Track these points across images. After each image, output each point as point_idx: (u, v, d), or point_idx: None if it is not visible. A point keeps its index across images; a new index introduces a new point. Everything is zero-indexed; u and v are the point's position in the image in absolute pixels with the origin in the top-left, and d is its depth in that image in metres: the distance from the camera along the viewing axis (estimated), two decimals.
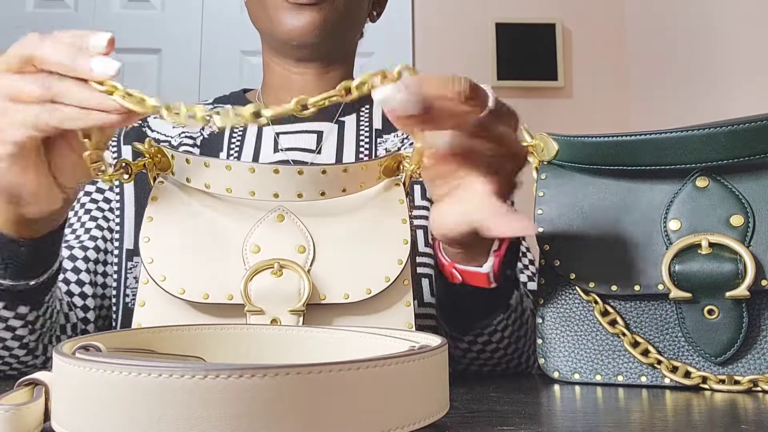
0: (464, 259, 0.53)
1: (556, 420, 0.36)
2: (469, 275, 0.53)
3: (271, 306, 0.46)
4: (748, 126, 0.48)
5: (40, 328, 0.55)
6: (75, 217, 0.74)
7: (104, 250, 0.72)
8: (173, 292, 0.46)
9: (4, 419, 0.29)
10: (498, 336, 0.59)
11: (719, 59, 1.75)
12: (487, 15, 2.26)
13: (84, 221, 0.73)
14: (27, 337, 0.54)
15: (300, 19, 0.72)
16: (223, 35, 2.18)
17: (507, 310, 0.58)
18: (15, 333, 0.53)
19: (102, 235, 0.73)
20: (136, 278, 0.70)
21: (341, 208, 0.50)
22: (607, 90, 2.28)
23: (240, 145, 0.76)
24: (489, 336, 0.59)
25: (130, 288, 0.70)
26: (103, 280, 0.71)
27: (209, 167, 0.48)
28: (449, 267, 0.54)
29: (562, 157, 0.55)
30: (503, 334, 0.60)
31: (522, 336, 0.62)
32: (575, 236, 0.54)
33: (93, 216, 0.73)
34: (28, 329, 0.54)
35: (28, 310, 0.52)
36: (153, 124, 0.80)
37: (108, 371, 0.26)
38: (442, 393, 0.33)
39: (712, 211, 0.50)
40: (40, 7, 2.19)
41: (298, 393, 0.26)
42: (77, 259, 0.69)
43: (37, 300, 0.53)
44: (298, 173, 0.47)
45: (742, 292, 0.47)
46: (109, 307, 0.72)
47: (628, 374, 0.51)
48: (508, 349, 0.61)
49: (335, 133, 0.78)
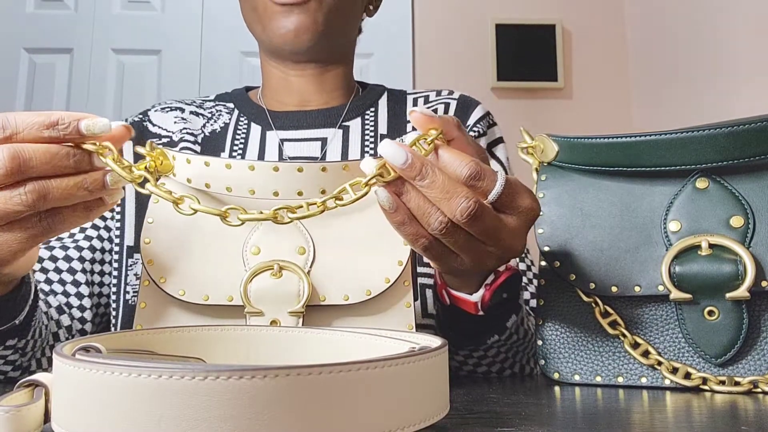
0: (456, 285, 0.53)
1: (556, 421, 0.36)
2: (459, 300, 0.54)
3: (271, 307, 0.46)
4: (748, 127, 0.48)
5: (31, 350, 0.55)
6: None
7: (101, 249, 0.72)
8: (173, 293, 0.46)
9: (4, 420, 0.29)
10: (494, 351, 0.59)
11: (719, 60, 1.75)
12: (487, 15, 2.26)
13: None
14: (19, 360, 0.55)
15: (290, 21, 0.72)
16: (223, 36, 2.18)
17: (504, 332, 0.58)
18: (7, 359, 0.53)
19: (98, 235, 0.72)
20: (137, 275, 0.70)
21: (341, 210, 0.49)
22: (607, 91, 2.28)
23: (243, 147, 0.75)
24: (484, 351, 0.59)
25: (130, 285, 0.70)
26: (100, 279, 0.71)
27: (209, 166, 0.48)
28: (440, 288, 0.55)
29: (562, 159, 0.55)
30: (499, 350, 0.59)
31: (520, 351, 0.62)
32: (575, 237, 0.54)
33: None
34: (19, 354, 0.54)
35: (16, 341, 0.52)
36: (154, 118, 0.79)
37: (108, 372, 0.26)
38: (442, 394, 0.33)
39: (712, 212, 0.50)
40: (40, 8, 2.19)
41: (298, 394, 0.26)
42: (72, 260, 0.69)
43: (23, 331, 0.53)
44: (298, 171, 0.47)
45: (743, 293, 0.47)
46: (107, 305, 0.72)
47: (628, 375, 0.51)
48: (505, 363, 0.61)
49: (339, 138, 0.77)
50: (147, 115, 0.80)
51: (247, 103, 0.81)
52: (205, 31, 2.21)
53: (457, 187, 0.41)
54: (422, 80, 2.22)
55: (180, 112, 0.80)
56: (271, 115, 0.78)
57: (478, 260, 0.45)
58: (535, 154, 0.57)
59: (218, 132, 0.77)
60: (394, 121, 0.79)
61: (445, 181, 0.41)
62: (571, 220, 0.54)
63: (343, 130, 0.78)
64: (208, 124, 0.78)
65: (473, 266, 0.46)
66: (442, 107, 0.80)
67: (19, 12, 2.18)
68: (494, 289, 0.52)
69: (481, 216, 0.41)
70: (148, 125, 0.78)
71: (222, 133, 0.77)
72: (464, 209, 0.40)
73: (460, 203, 0.40)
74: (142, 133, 0.77)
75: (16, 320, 0.50)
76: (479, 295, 0.52)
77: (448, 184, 0.41)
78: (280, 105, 0.80)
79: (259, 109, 0.79)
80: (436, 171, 0.41)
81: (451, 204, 0.41)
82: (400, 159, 0.40)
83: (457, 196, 0.41)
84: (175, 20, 2.22)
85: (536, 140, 0.57)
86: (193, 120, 0.79)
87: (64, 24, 2.18)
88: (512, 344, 0.60)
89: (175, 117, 0.79)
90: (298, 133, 0.77)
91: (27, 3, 2.19)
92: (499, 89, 2.21)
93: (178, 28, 2.21)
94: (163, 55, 2.19)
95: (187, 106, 0.81)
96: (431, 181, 0.40)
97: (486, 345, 0.58)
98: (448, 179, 0.41)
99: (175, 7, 2.23)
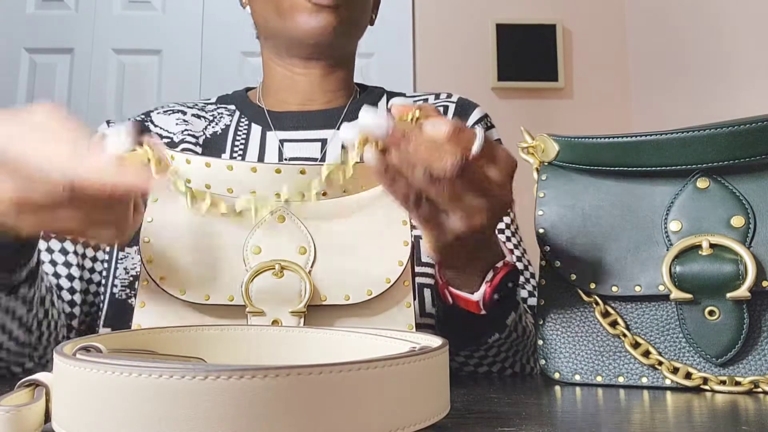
0: (458, 284, 0.53)
1: (556, 421, 0.36)
2: (461, 299, 0.54)
3: (272, 307, 0.46)
4: (748, 127, 0.48)
5: (35, 297, 0.56)
6: None
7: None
8: (173, 293, 0.46)
9: (5, 420, 0.29)
10: (494, 351, 0.60)
11: (720, 59, 1.75)
12: (487, 15, 2.26)
13: None
14: (26, 315, 0.55)
15: (319, 20, 0.73)
16: (224, 36, 2.18)
17: (504, 330, 0.58)
18: (15, 314, 0.54)
19: None
20: (126, 269, 0.70)
21: (342, 210, 0.50)
22: (607, 91, 2.28)
23: (244, 148, 0.76)
24: (485, 351, 0.59)
25: (119, 279, 0.70)
26: (92, 265, 0.71)
27: (210, 167, 0.48)
28: (442, 288, 0.55)
29: (562, 158, 0.55)
30: (500, 349, 0.60)
31: (520, 350, 0.62)
32: (576, 237, 0.54)
33: None
34: (27, 306, 0.55)
35: (27, 289, 0.54)
36: (156, 119, 0.80)
37: (108, 372, 0.26)
38: (443, 394, 0.33)
39: (712, 212, 0.50)
40: (40, 8, 2.20)
41: (299, 394, 0.26)
42: (68, 253, 0.69)
43: (32, 278, 0.54)
44: (300, 173, 0.47)
45: (743, 293, 0.47)
46: (96, 294, 0.71)
47: (628, 375, 0.51)
48: (506, 363, 0.62)
49: (339, 140, 0.77)
50: (149, 116, 0.80)
51: (248, 104, 0.81)
52: (205, 31, 2.21)
53: (442, 145, 0.42)
54: (423, 80, 2.22)
55: (182, 115, 0.80)
56: (271, 116, 0.79)
57: (469, 217, 0.45)
58: (536, 154, 0.57)
59: (219, 134, 0.77)
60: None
61: (428, 141, 0.42)
62: (572, 220, 0.54)
63: None
64: (209, 127, 0.79)
65: (466, 229, 0.46)
66: (440, 110, 0.80)
67: (20, 12, 2.18)
68: (495, 286, 0.52)
69: (468, 167, 0.43)
70: (150, 126, 0.79)
71: (223, 135, 0.77)
72: (452, 163, 0.42)
73: (446, 159, 0.42)
74: (143, 133, 0.77)
75: (31, 262, 0.52)
76: (481, 294, 0.52)
77: (432, 144, 0.42)
78: (282, 104, 0.80)
79: (258, 109, 0.80)
80: (418, 133, 0.42)
81: (439, 161, 0.42)
82: (381, 127, 0.42)
83: (443, 152, 0.42)
84: (176, 20, 2.22)
85: (537, 140, 0.57)
86: (195, 122, 0.79)
87: (65, 24, 2.19)
88: (512, 342, 0.60)
89: (176, 119, 0.79)
90: (297, 133, 0.77)
91: (27, 3, 2.19)
92: (499, 89, 2.21)
93: (178, 29, 2.21)
94: (163, 55, 2.20)
95: (189, 108, 0.82)
96: (416, 143, 0.42)
97: (487, 345, 0.59)
98: (431, 140, 0.42)
99: (175, 8, 2.23)
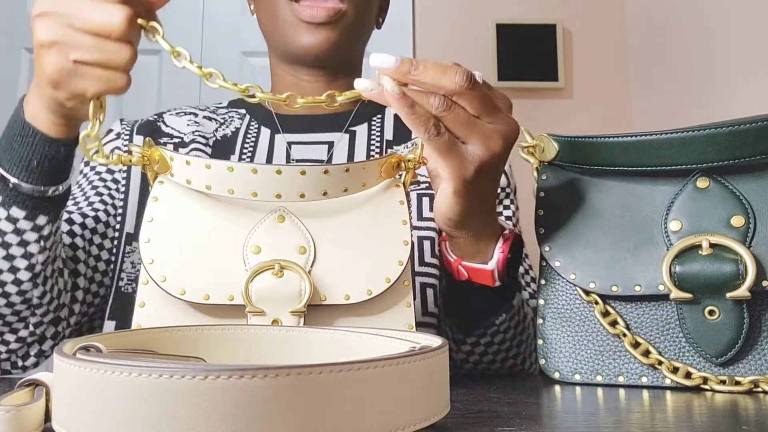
0: (470, 254, 0.54)
1: (556, 421, 0.36)
2: (475, 272, 0.54)
3: (272, 307, 0.46)
4: (748, 127, 0.48)
5: (49, 249, 0.56)
6: (80, 190, 0.74)
7: (105, 222, 0.71)
8: (174, 292, 0.46)
9: (5, 420, 0.29)
10: (500, 337, 0.60)
11: (720, 60, 1.75)
12: (487, 15, 2.26)
13: (89, 195, 0.73)
14: (36, 256, 0.55)
15: (315, 37, 0.73)
16: (224, 37, 2.18)
17: (510, 310, 0.59)
18: (26, 250, 0.55)
19: (104, 209, 0.72)
20: (133, 263, 0.70)
21: (342, 209, 0.50)
22: (607, 91, 2.28)
23: (253, 150, 0.76)
24: (491, 337, 0.60)
25: (125, 272, 0.70)
26: (98, 253, 0.70)
27: (210, 169, 0.48)
28: (456, 264, 0.55)
29: (562, 158, 0.55)
30: (505, 336, 0.60)
31: (524, 340, 0.63)
32: (576, 237, 0.54)
33: (99, 192, 0.74)
34: (39, 246, 0.55)
35: (45, 221, 0.54)
36: (168, 120, 0.80)
37: (108, 372, 0.26)
38: (443, 394, 0.33)
39: (712, 211, 0.50)
40: None
41: (299, 394, 0.26)
42: (74, 224, 0.68)
43: (54, 213, 0.55)
44: (301, 173, 0.47)
45: (743, 293, 0.47)
46: (101, 284, 0.70)
47: (628, 375, 0.51)
48: (509, 352, 0.62)
49: (346, 143, 0.78)
50: (162, 116, 0.81)
51: (257, 107, 0.82)
52: (205, 32, 2.21)
53: (449, 68, 0.46)
54: None
55: (194, 116, 0.81)
56: (279, 119, 0.80)
57: (486, 141, 0.48)
58: (536, 154, 0.57)
59: (229, 137, 0.78)
60: (400, 129, 0.81)
61: (435, 64, 0.46)
62: (572, 220, 0.54)
63: (349, 134, 0.79)
64: (220, 129, 0.80)
65: (484, 153, 0.48)
66: None
67: (20, 12, 2.18)
68: (506, 254, 0.54)
69: (476, 89, 0.46)
70: (162, 126, 0.79)
71: (233, 138, 0.78)
72: (462, 77, 0.45)
73: (457, 75, 0.45)
74: (154, 132, 0.78)
75: (61, 185, 0.54)
76: (494, 263, 0.54)
77: (440, 67, 0.46)
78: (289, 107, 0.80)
79: (267, 112, 0.81)
80: (425, 60, 0.46)
81: (450, 79, 0.45)
82: (390, 62, 0.46)
83: (451, 72, 0.46)
84: (176, 20, 2.22)
85: (537, 140, 0.57)
86: (206, 124, 0.80)
87: None
88: (515, 326, 0.61)
89: (188, 120, 0.80)
90: (305, 136, 0.78)
91: (27, 3, 2.19)
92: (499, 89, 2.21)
93: (178, 28, 2.21)
94: (163, 55, 2.19)
95: (201, 111, 0.83)
96: (424, 67, 0.46)
97: (494, 327, 0.59)
98: (437, 65, 0.46)
99: (175, 7, 2.23)
